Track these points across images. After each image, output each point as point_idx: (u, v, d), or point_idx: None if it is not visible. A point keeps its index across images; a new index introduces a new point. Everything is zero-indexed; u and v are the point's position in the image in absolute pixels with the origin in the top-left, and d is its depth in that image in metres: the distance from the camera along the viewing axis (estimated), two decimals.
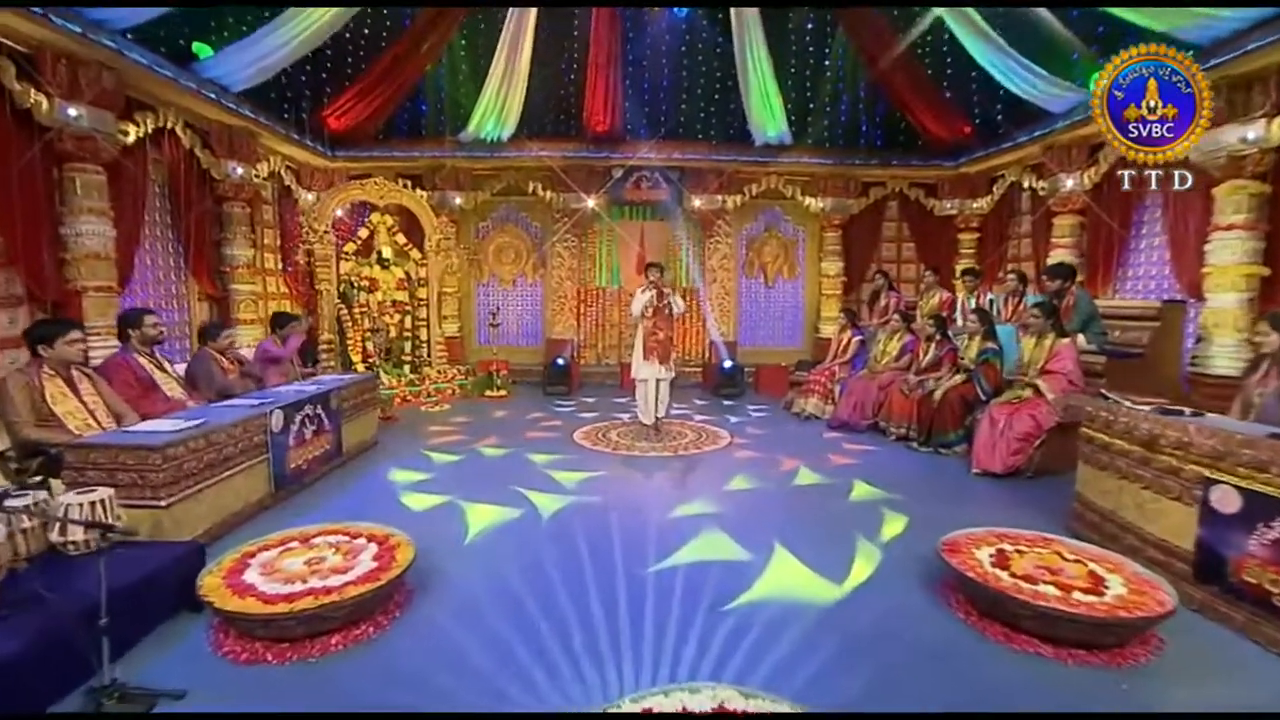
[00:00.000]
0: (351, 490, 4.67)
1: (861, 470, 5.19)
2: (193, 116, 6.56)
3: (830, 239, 9.95)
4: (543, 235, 10.06)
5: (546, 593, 3.05)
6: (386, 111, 8.66)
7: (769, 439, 6.40)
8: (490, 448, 5.92)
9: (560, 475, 5.02)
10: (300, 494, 4.52)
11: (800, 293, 10.42)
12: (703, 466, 5.42)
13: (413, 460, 5.41)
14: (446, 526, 3.94)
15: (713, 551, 3.49)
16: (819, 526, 3.93)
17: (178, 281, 6.83)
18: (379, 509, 4.18)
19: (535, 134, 9.23)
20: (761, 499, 4.52)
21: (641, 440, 6.21)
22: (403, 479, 4.89)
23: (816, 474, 5.11)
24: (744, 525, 3.86)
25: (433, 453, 5.64)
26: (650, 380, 6.30)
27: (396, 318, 8.39)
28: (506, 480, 4.82)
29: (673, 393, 6.63)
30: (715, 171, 9.56)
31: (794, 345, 10.39)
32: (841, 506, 4.40)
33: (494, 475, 5.03)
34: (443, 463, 5.36)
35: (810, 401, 7.43)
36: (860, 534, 3.80)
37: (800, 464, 5.37)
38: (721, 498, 4.48)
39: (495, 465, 5.39)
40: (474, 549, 3.63)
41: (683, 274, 10.20)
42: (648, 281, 6.27)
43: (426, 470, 5.14)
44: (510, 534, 3.83)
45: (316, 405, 4.84)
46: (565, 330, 10.02)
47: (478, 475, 5.05)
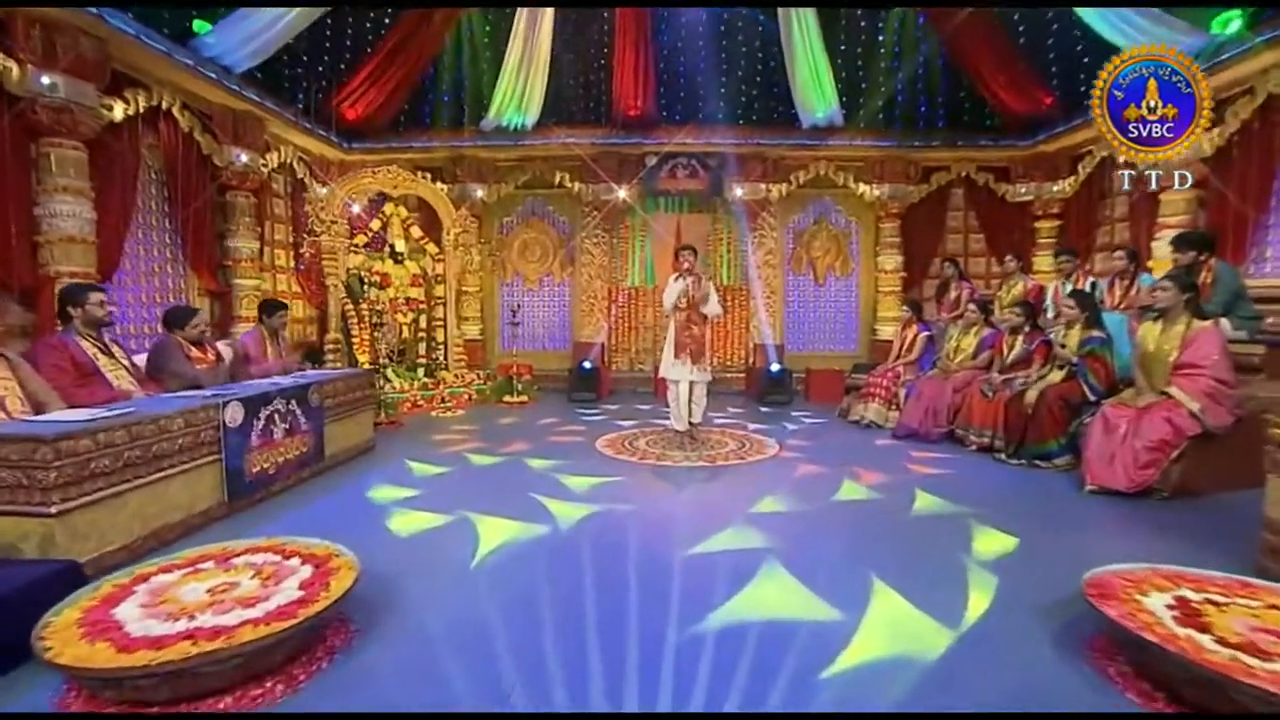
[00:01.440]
0: (330, 501, 4.01)
1: (942, 486, 4.25)
2: (191, 98, 6.15)
3: (887, 230, 8.99)
4: (571, 230, 9.41)
5: (538, 651, 2.24)
6: (401, 97, 8.20)
7: (824, 449, 5.50)
8: (489, 456, 5.20)
9: (574, 481, 4.25)
10: (264, 504, 3.88)
11: (854, 290, 9.45)
12: (746, 479, 4.57)
13: (398, 471, 4.73)
14: (427, 548, 3.20)
15: (780, 603, 2.56)
16: (902, 557, 3.02)
17: (176, 275, 6.39)
18: (357, 524, 3.54)
19: (561, 120, 8.63)
20: (823, 521, 3.64)
21: (674, 449, 5.40)
22: (387, 491, 4.20)
23: (885, 490, 4.20)
24: (810, 557, 2.99)
25: (417, 463, 4.95)
26: (682, 382, 5.51)
27: (410, 316, 7.82)
28: (504, 493, 4.08)
29: (710, 399, 5.79)
30: (758, 157, 8.75)
31: (848, 349, 9.41)
32: (923, 529, 3.49)
33: (490, 487, 4.31)
34: (426, 474, 4.67)
35: (871, 407, 6.48)
36: (956, 563, 2.89)
37: (865, 477, 4.48)
38: (774, 519, 3.61)
39: (493, 476, 4.67)
40: (449, 577, 2.87)
41: (724, 271, 9.38)
42: (681, 268, 5.49)
43: (412, 485, 4.45)
44: (505, 561, 3.06)
45: (290, 400, 4.21)
46: (595, 333, 9.30)
47: (470, 487, 4.34)
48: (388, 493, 4.12)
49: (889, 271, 9.00)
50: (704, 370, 5.55)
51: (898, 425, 6.02)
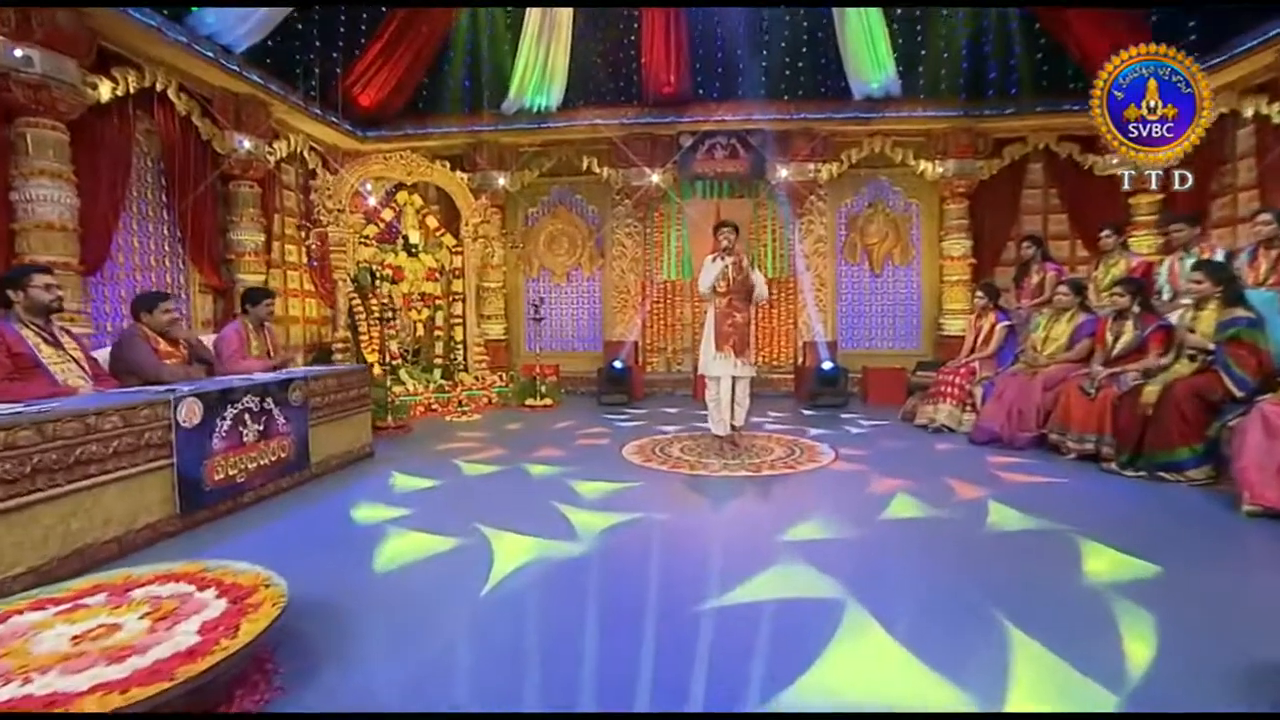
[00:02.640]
0: (311, 515, 3.54)
1: (1040, 503, 3.50)
2: (189, 79, 5.87)
3: (953, 212, 8.16)
4: (600, 220, 8.89)
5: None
6: (415, 79, 7.83)
7: (888, 457, 4.78)
8: (486, 465, 4.67)
9: (586, 489, 3.66)
10: (229, 517, 3.41)
11: (916, 281, 8.63)
12: (798, 492, 3.91)
13: (379, 486, 4.24)
14: (409, 577, 2.66)
15: (882, 680, 1.84)
16: (1028, 595, 2.32)
17: (175, 270, 6.11)
18: (337, 542, 3.10)
19: (588, 100, 8.12)
20: (903, 545, 2.96)
21: (712, 456, 4.78)
22: (378, 509, 3.69)
23: (970, 506, 3.47)
24: (903, 599, 2.32)
25: (403, 475, 4.45)
26: (724, 379, 4.89)
27: (425, 313, 7.39)
28: (502, 511, 3.53)
29: (753, 401, 5.15)
30: (805, 134, 8.07)
31: (909, 346, 8.59)
32: (1026, 551, 2.79)
33: (486, 503, 3.77)
34: (415, 488, 4.15)
35: (941, 409, 5.71)
36: (1081, 591, 2.19)
37: (946, 490, 3.75)
38: (839, 547, 2.95)
39: (489, 488, 4.13)
40: (417, 617, 2.31)
41: (769, 262, 8.70)
42: (719, 247, 4.88)
43: (402, 503, 3.94)
44: (502, 602, 2.49)
45: (266, 398, 3.75)
46: (627, 331, 8.73)
47: (466, 501, 3.80)
48: (377, 511, 3.61)
49: (955, 259, 8.16)
50: (748, 365, 4.93)
51: (975, 429, 5.25)
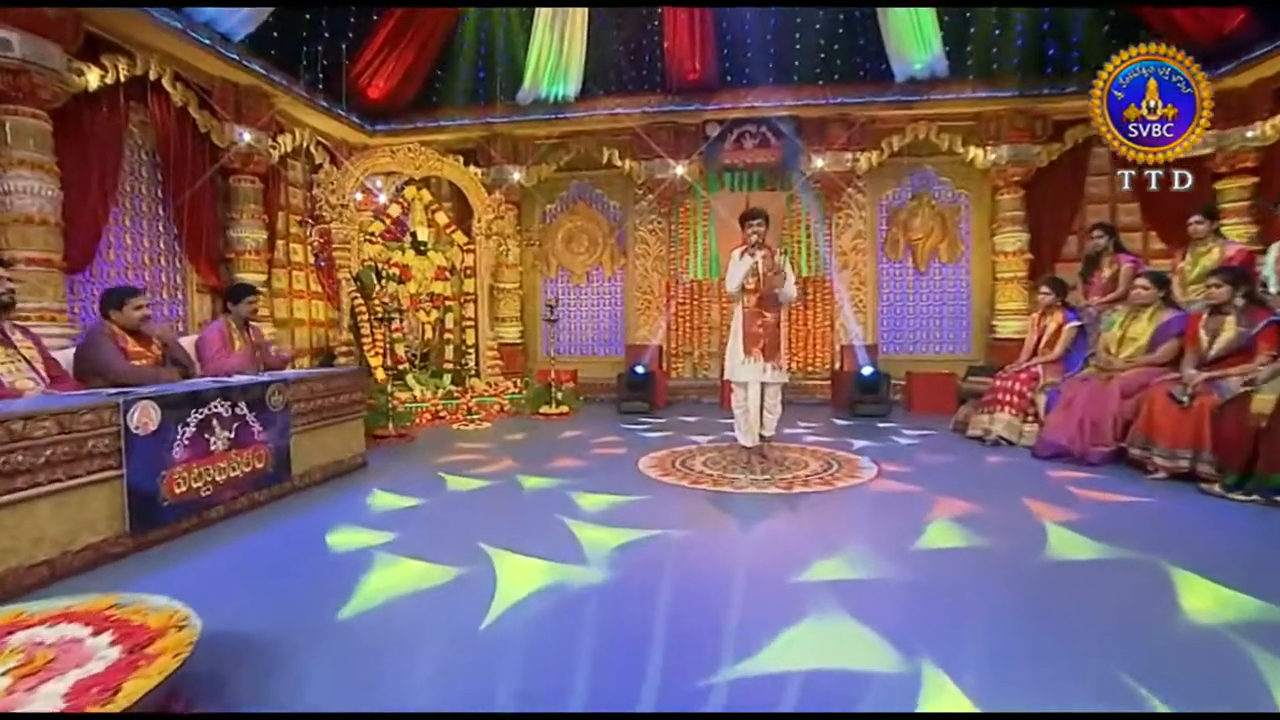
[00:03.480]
0: (287, 534, 3.24)
1: (1126, 528, 3.01)
2: (185, 67, 5.70)
3: (1007, 203, 7.59)
4: (622, 217, 8.55)
5: None
6: (424, 67, 7.59)
7: (938, 474, 4.30)
8: (475, 479, 4.31)
9: (589, 522, 3.27)
10: (191, 535, 3.11)
11: (965, 279, 8.07)
12: (837, 514, 3.47)
13: (366, 501, 3.91)
14: (373, 622, 2.30)
15: None
16: (1122, 640, 1.86)
17: (171, 268, 5.94)
18: (309, 568, 2.76)
19: (608, 89, 7.79)
20: (981, 584, 2.49)
21: (739, 470, 4.37)
22: (360, 531, 3.36)
23: (1037, 535, 2.98)
24: (1004, 671, 1.86)
25: (386, 493, 4.10)
26: (752, 385, 4.47)
27: (434, 315, 7.11)
28: (491, 534, 3.16)
29: (786, 410, 4.71)
30: (842, 120, 7.61)
31: (958, 350, 8.03)
32: (1119, 592, 2.30)
33: (475, 524, 3.41)
34: (393, 507, 3.80)
35: (999, 419, 5.18)
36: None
37: (1007, 515, 3.27)
38: (899, 590, 2.50)
39: (491, 505, 3.77)
40: (372, 666, 1.94)
41: (803, 260, 8.24)
42: (748, 241, 4.47)
43: (385, 526, 3.60)
44: (472, 656, 2.12)
45: (239, 403, 3.45)
46: (651, 334, 8.36)
47: (449, 523, 3.47)
48: (358, 536, 3.27)
49: (1010, 254, 7.58)
50: (780, 370, 4.49)
51: (1039, 442, 4.72)
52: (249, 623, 2.11)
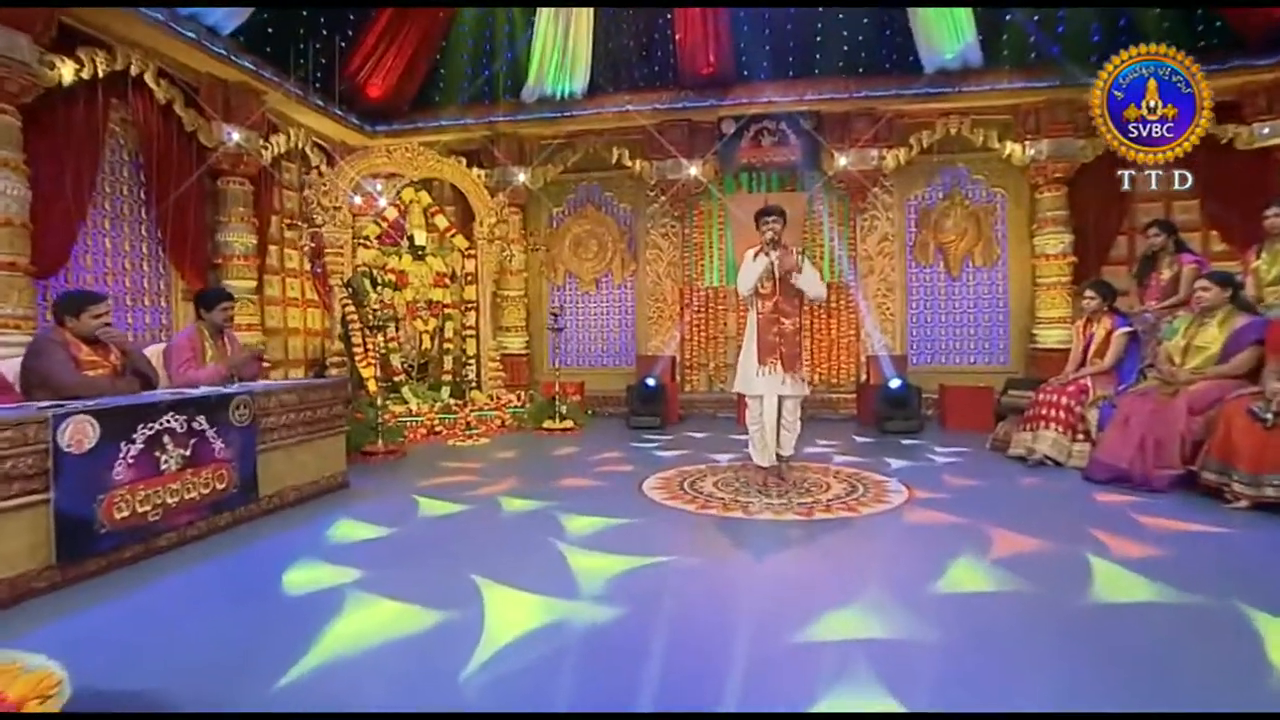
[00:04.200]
0: (244, 564, 2.97)
1: (1215, 575, 2.61)
2: (169, 63, 5.55)
3: (1048, 202, 7.16)
4: (633, 220, 8.26)
5: None
6: (423, 64, 7.39)
7: (978, 499, 3.92)
8: (460, 503, 4.00)
9: (575, 557, 2.95)
10: (136, 566, 2.83)
11: (1002, 284, 7.64)
12: (864, 544, 3.12)
13: (322, 536, 3.63)
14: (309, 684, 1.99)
15: None
16: None
17: (154, 274, 5.75)
18: (263, 610, 2.46)
19: (618, 85, 7.53)
20: (1026, 649, 2.12)
21: (752, 493, 4.04)
22: (317, 560, 3.07)
23: (1102, 576, 2.59)
24: None
25: (352, 522, 3.82)
26: (768, 397, 4.14)
27: (431, 323, 6.86)
28: (462, 568, 2.86)
29: (807, 425, 4.37)
30: (867, 115, 7.27)
31: (995, 361, 7.59)
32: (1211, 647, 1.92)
33: (446, 556, 3.10)
34: (354, 539, 3.50)
35: (1043, 437, 4.77)
36: None
37: (1063, 549, 2.89)
38: (938, 661, 2.12)
39: (462, 532, 3.46)
40: None
41: (826, 265, 7.88)
42: (763, 240, 4.16)
43: (333, 560, 3.31)
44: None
45: (196, 416, 3.19)
46: (664, 345, 8.04)
47: (416, 556, 3.15)
48: (317, 573, 2.98)
49: (1051, 257, 7.14)
50: (799, 381, 4.15)
51: (1091, 463, 4.30)
52: (170, 678, 1.82)
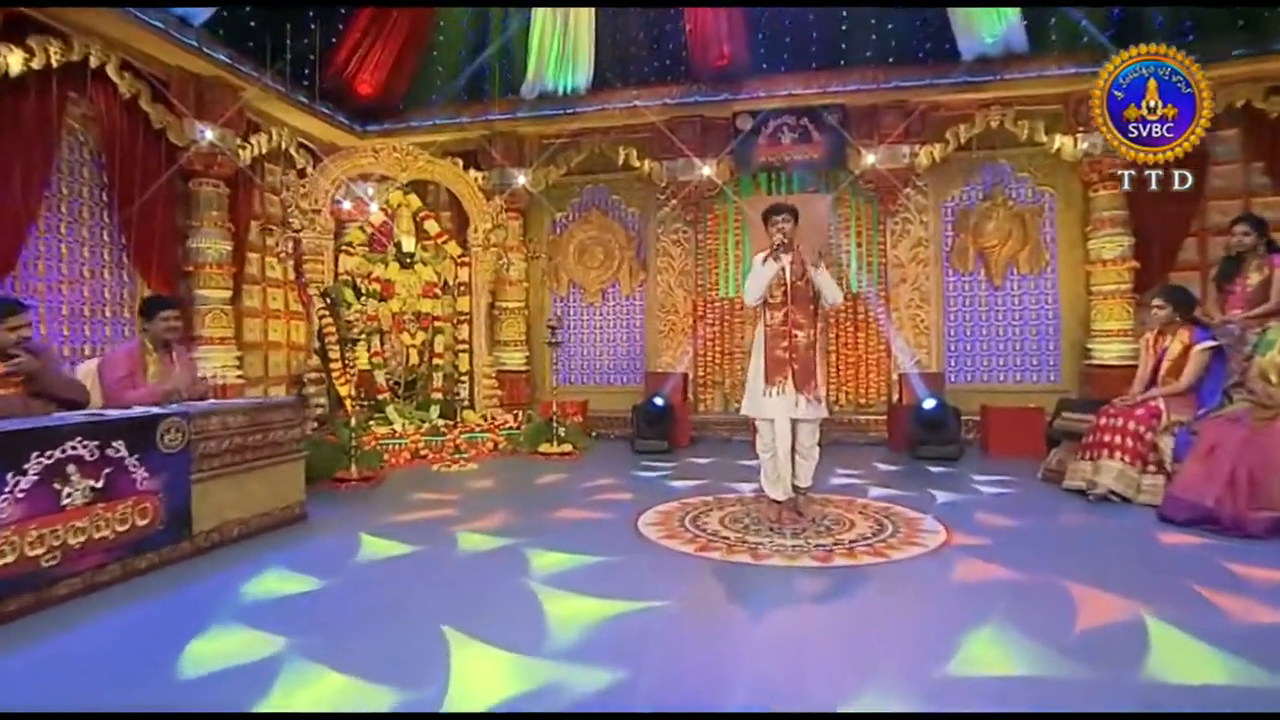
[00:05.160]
0: (159, 619, 2.60)
1: None
2: (134, 54, 5.31)
3: (1104, 201, 6.59)
4: (642, 226, 7.88)
5: None
6: (415, 55, 7.11)
7: (1029, 542, 3.45)
8: (405, 544, 3.59)
9: (554, 601, 2.51)
10: (25, 619, 2.48)
11: (1051, 293, 7.08)
12: (893, 600, 2.66)
13: (291, 563, 3.25)
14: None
15: None
16: None
17: (116, 282, 5.50)
18: (160, 680, 2.06)
19: (624, 79, 7.18)
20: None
21: (763, 531, 3.64)
22: (222, 626, 2.69)
23: (1211, 657, 2.08)
24: None
25: (281, 574, 3.43)
26: (780, 421, 3.75)
27: (420, 337, 6.52)
28: (420, 620, 2.44)
29: (827, 451, 3.91)
30: (897, 108, 6.81)
31: (1045, 379, 7.02)
32: None
33: (396, 607, 2.69)
34: (277, 594, 3.11)
35: (1107, 468, 4.24)
36: None
37: (1153, 612, 2.38)
38: None
39: (418, 575, 3.06)
40: None
41: (853, 274, 7.41)
42: (772, 243, 3.76)
43: (250, 622, 2.92)
44: None
45: (111, 442, 2.85)
46: (675, 361, 7.62)
47: (358, 609, 2.74)
48: (229, 641, 2.59)
49: (1109, 262, 6.56)
50: (815, 402, 3.72)
51: (1168, 500, 3.76)
52: None
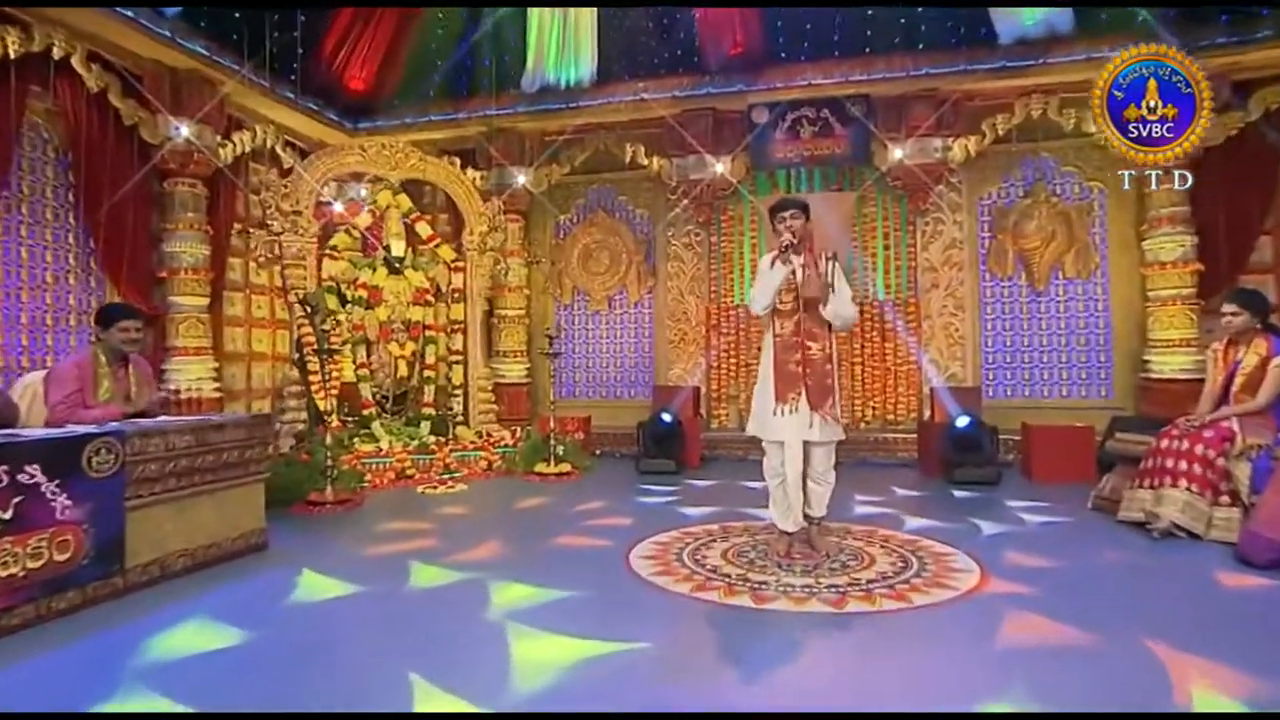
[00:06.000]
0: (76, 667, 2.31)
1: None
2: (103, 45, 5.16)
3: (1164, 197, 6.13)
4: (651, 228, 7.59)
5: None
6: (406, 47, 6.91)
7: (1084, 587, 3.07)
8: (349, 583, 3.30)
9: (522, 642, 2.19)
10: None
11: (1102, 298, 6.63)
12: (916, 658, 2.29)
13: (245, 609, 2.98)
14: None
15: None
16: None
17: (83, 289, 5.34)
18: None
19: (631, 71, 6.91)
20: None
21: (770, 567, 3.34)
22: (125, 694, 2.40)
23: None
24: None
25: (198, 627, 3.14)
26: (790, 444, 3.41)
27: (409, 347, 6.28)
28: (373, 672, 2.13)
29: (847, 474, 3.57)
30: (928, 97, 6.44)
31: (1095, 395, 6.58)
32: None
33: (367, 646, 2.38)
34: (198, 649, 2.82)
35: (1171, 498, 3.81)
36: None
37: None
38: None
39: (362, 624, 2.75)
40: None
41: (879, 279, 7.03)
42: (780, 244, 3.46)
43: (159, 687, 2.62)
44: None
45: (24, 466, 2.62)
46: (687, 373, 7.32)
47: (284, 671, 2.43)
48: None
49: (1169, 264, 6.10)
50: (831, 422, 3.40)
51: (1245, 537, 3.35)
52: None
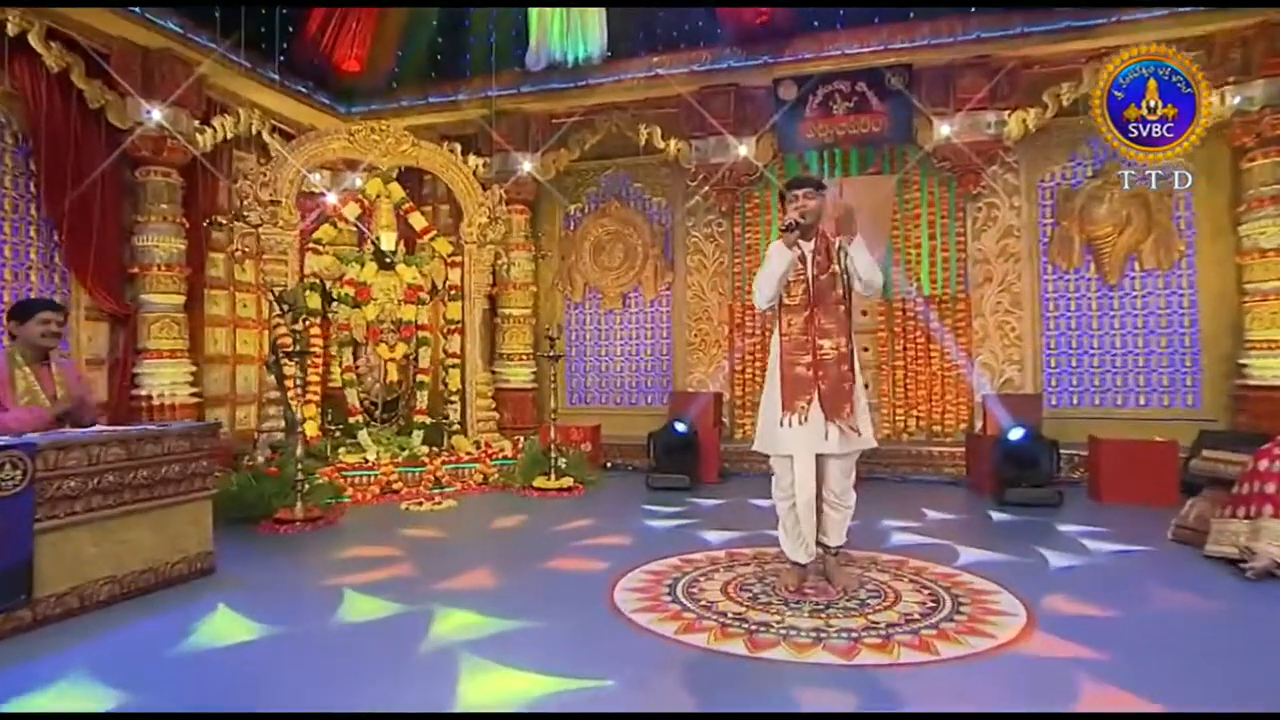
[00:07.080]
0: None
1: None
2: (64, 21, 5.04)
3: (1264, 172, 5.57)
4: (669, 218, 7.25)
5: None
6: (400, 25, 6.69)
7: (1149, 636, 2.65)
8: (253, 626, 2.99)
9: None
10: None
11: (1188, 293, 6.06)
12: None
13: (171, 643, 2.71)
14: None
15: None
16: None
17: (45, 287, 5.23)
18: None
19: (646, 45, 6.60)
20: None
21: (775, 604, 3.01)
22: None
23: None
24: None
25: (70, 683, 2.85)
26: (800, 459, 3.06)
27: (400, 349, 6.03)
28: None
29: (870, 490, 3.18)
30: (980, 65, 6.00)
31: (1179, 404, 6.04)
32: None
33: None
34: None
35: (1270, 530, 3.35)
36: None
37: None
38: None
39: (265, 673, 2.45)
40: None
41: (924, 272, 6.56)
42: (782, 221, 3.13)
43: None
44: None
45: None
46: (708, 378, 6.95)
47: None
48: None
49: (1272, 252, 5.51)
50: (851, 433, 3.03)
51: None
52: None
